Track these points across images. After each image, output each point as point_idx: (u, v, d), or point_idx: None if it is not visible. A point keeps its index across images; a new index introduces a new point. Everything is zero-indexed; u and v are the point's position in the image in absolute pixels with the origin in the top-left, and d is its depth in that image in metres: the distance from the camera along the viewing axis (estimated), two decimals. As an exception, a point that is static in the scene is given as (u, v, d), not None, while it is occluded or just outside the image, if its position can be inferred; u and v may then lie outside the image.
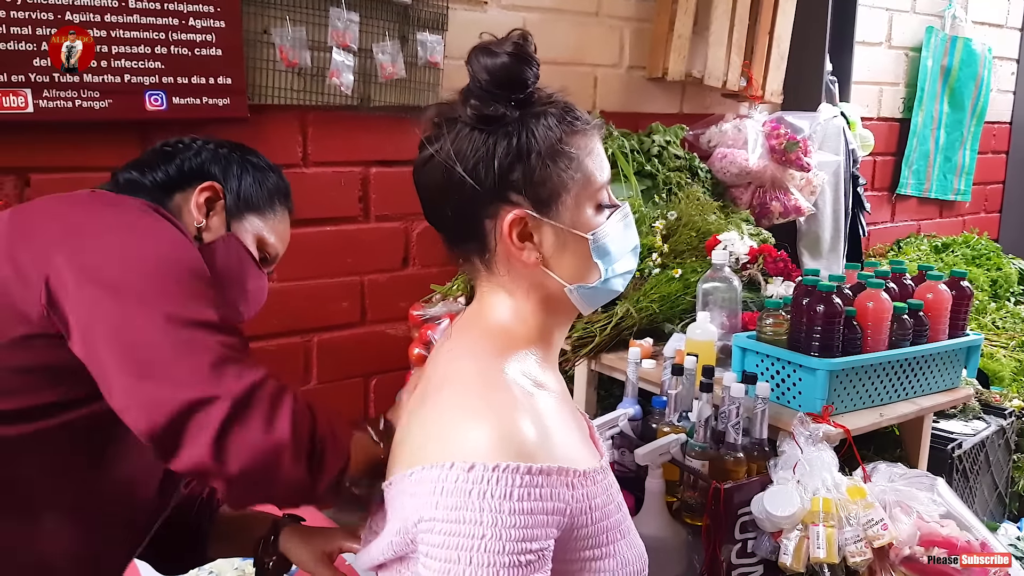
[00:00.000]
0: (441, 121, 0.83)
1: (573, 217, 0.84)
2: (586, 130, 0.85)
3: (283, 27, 1.88)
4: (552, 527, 0.76)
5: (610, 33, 2.51)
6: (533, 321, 0.87)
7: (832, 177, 2.83)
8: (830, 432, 1.43)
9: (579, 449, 0.84)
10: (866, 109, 3.37)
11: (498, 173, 0.80)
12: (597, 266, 0.86)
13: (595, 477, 0.82)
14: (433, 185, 0.84)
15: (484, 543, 0.71)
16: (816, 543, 1.30)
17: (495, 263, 0.86)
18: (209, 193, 1.07)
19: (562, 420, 0.85)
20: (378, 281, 2.17)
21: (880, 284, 1.54)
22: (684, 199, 2.18)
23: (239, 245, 1.10)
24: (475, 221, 0.83)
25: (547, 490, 0.75)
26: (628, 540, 0.86)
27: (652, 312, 1.94)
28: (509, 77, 0.80)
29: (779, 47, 2.68)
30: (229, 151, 1.14)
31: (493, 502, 0.72)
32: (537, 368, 0.87)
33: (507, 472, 0.73)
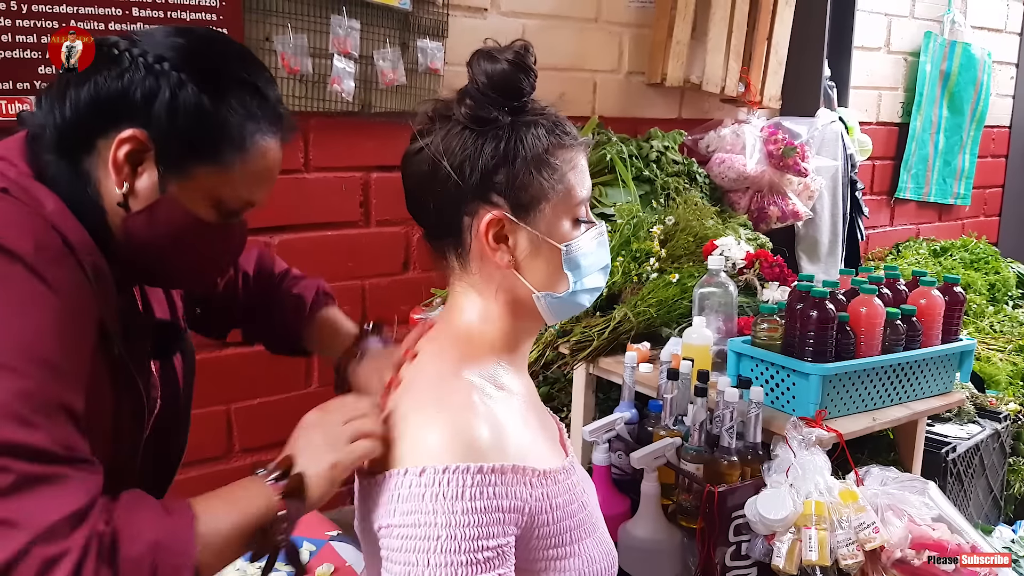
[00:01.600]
0: (435, 116, 0.86)
1: (549, 226, 0.86)
2: (573, 145, 0.87)
3: (285, 34, 1.91)
4: (510, 524, 0.78)
5: (609, 39, 2.53)
6: (500, 324, 0.89)
7: (830, 182, 2.85)
8: (823, 436, 1.45)
9: (539, 449, 0.86)
10: (865, 114, 3.39)
11: (482, 173, 0.83)
12: (566, 277, 0.88)
13: (556, 477, 0.84)
14: (419, 176, 0.86)
15: (440, 544, 0.74)
16: (808, 546, 1.32)
17: (469, 261, 0.88)
18: (130, 145, 0.80)
19: (522, 421, 0.87)
20: (379, 285, 2.19)
21: (873, 290, 1.56)
22: (682, 204, 2.20)
23: (176, 214, 0.84)
24: (454, 217, 0.85)
25: (501, 488, 0.77)
26: (595, 539, 0.88)
27: (649, 316, 1.96)
28: (506, 84, 0.82)
29: (777, 53, 2.70)
30: (171, 63, 0.80)
31: (445, 503, 0.75)
32: (501, 371, 0.89)
33: (457, 473, 0.75)
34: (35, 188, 0.80)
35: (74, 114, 0.81)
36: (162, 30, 0.86)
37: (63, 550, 0.68)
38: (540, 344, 2.02)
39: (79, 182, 0.83)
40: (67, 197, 0.81)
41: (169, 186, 0.83)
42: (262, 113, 0.86)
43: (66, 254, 0.78)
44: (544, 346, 2.01)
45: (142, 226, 0.84)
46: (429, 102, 0.89)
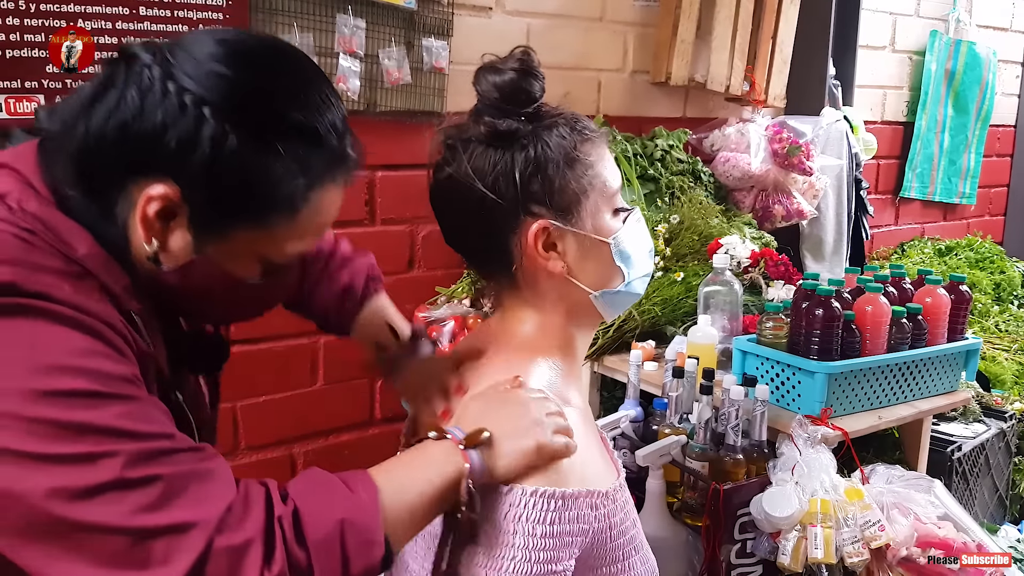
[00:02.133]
0: (454, 143, 0.84)
1: (594, 223, 0.85)
2: (595, 138, 0.87)
3: (291, 33, 1.91)
4: (575, 547, 0.78)
5: (614, 38, 2.53)
6: (559, 334, 0.89)
7: (835, 181, 2.85)
8: (828, 434, 1.45)
9: (601, 467, 0.86)
10: (870, 113, 3.38)
11: (519, 186, 0.81)
12: (620, 270, 0.87)
13: (614, 496, 0.84)
14: (454, 207, 0.85)
15: (513, 564, 0.75)
16: (814, 544, 1.32)
17: (520, 278, 0.87)
18: (161, 203, 0.69)
19: (586, 439, 0.86)
20: (384, 284, 2.19)
21: (879, 288, 1.56)
22: (686, 203, 2.20)
23: (213, 272, 0.75)
24: (499, 237, 0.84)
25: (574, 512, 0.78)
26: (642, 555, 0.88)
27: (654, 315, 1.96)
28: (517, 92, 0.81)
29: (782, 52, 2.70)
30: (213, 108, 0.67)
31: (527, 525, 0.75)
32: (562, 382, 0.88)
33: (543, 498, 0.76)
34: (64, 227, 0.70)
35: (97, 147, 0.69)
36: (204, 44, 0.71)
37: (247, 538, 0.64)
38: (545, 343, 2.03)
39: (105, 221, 0.72)
40: (96, 233, 0.71)
41: (205, 248, 0.73)
42: (321, 163, 0.73)
43: (103, 301, 0.70)
44: (549, 345, 2.02)
45: (175, 280, 0.74)
46: (439, 131, 0.87)
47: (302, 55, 0.78)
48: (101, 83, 0.70)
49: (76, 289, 0.67)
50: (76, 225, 0.71)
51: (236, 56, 0.71)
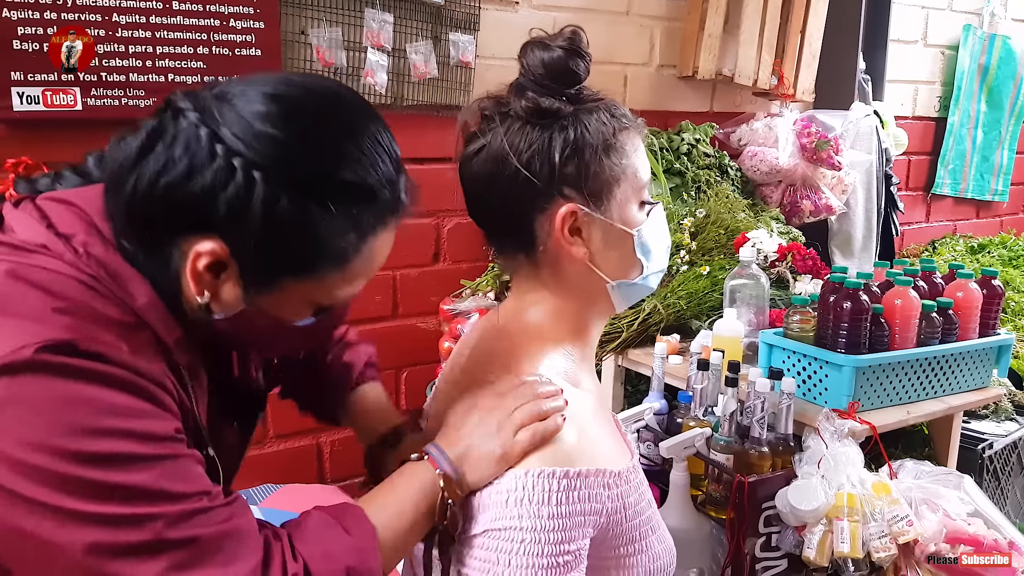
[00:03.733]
0: (492, 114, 0.83)
1: (621, 213, 0.84)
2: (632, 127, 0.86)
3: (320, 28, 1.93)
4: (588, 527, 0.78)
5: (640, 32, 2.53)
6: (573, 319, 0.88)
7: (864, 176, 2.81)
8: (856, 428, 1.43)
9: (612, 449, 0.85)
10: (901, 108, 3.33)
11: (555, 167, 0.80)
12: (640, 262, 0.86)
13: (628, 476, 0.83)
14: (483, 178, 0.83)
15: (523, 547, 0.74)
16: (840, 537, 1.31)
17: (541, 259, 0.85)
18: (209, 259, 0.70)
19: (597, 420, 0.86)
20: (410, 276, 2.21)
21: (908, 282, 1.54)
22: (713, 197, 2.19)
23: (265, 320, 0.76)
24: (525, 215, 0.83)
25: (584, 492, 0.77)
26: (658, 535, 0.88)
27: (679, 309, 1.96)
28: (563, 70, 0.81)
29: (811, 45, 2.67)
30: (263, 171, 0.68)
31: (531, 508, 0.75)
32: (574, 367, 0.88)
33: (543, 477, 0.75)
34: (127, 274, 0.72)
35: (147, 205, 0.69)
36: (250, 101, 0.70)
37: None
38: (569, 336, 2.03)
39: (159, 271, 0.73)
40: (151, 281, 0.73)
41: (256, 300, 0.74)
42: (373, 216, 0.74)
43: (156, 357, 0.71)
44: (573, 338, 2.02)
45: (229, 330, 0.76)
46: (477, 101, 0.86)
47: (352, 97, 0.77)
48: (148, 135, 0.70)
49: (132, 348, 0.68)
50: (136, 273, 0.72)
51: (284, 114, 0.70)
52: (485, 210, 0.86)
